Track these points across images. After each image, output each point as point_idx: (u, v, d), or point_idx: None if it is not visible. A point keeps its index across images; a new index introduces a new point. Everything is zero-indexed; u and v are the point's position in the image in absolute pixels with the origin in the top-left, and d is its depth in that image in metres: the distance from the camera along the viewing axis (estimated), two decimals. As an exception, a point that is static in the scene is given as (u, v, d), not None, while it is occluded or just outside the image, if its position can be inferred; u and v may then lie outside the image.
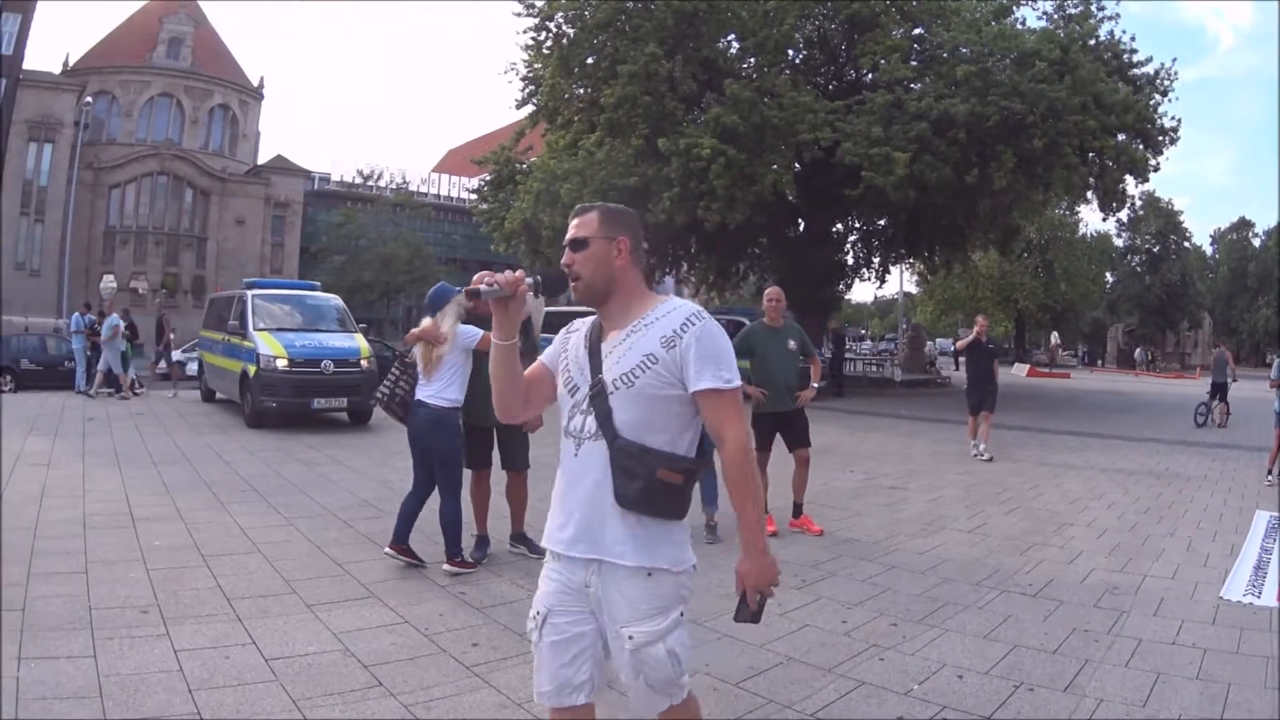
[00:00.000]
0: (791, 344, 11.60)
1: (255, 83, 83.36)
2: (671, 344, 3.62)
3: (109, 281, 54.72)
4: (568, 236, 3.86)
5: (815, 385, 11.95)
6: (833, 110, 32.76)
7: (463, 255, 76.82)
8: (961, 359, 22.41)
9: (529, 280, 3.75)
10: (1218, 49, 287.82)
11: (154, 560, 8.89)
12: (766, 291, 12.03)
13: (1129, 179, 35.98)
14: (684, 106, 34.06)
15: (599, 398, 3.67)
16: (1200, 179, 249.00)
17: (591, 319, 3.94)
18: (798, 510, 11.67)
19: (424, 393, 9.07)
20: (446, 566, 8.95)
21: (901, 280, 79.24)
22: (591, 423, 3.69)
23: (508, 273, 3.72)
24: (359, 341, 21.94)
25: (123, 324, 28.44)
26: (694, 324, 3.64)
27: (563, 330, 4.05)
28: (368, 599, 8.04)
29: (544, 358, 4.02)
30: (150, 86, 74.62)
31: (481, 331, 8.79)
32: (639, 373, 3.61)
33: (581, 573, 3.69)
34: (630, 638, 3.59)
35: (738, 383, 3.69)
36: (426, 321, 9.13)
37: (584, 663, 3.73)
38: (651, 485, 3.56)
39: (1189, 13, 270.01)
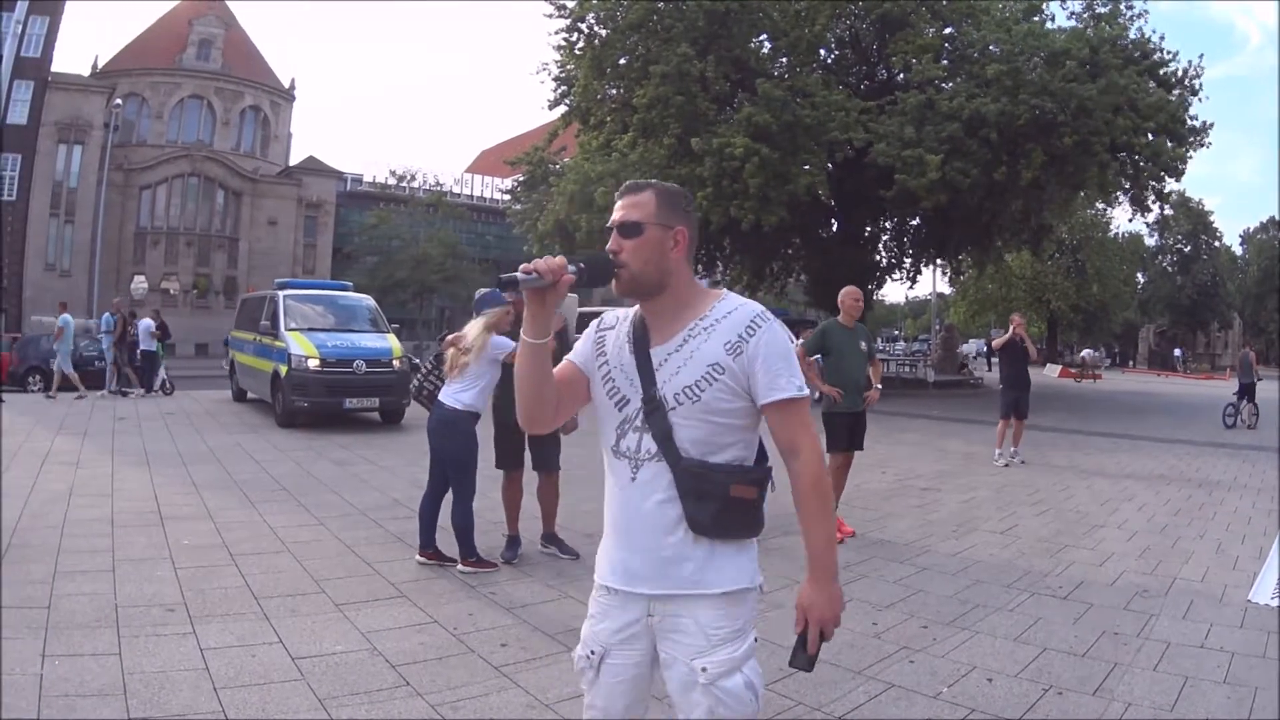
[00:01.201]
0: (863, 344, 11.62)
1: (286, 84, 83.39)
2: (738, 350, 3.15)
3: (140, 282, 55.18)
4: (616, 218, 3.30)
5: (878, 387, 11.92)
6: (865, 110, 32.89)
7: (496, 255, 76.38)
8: (995, 359, 22.11)
9: (572, 268, 3.16)
10: (1246, 47, 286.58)
11: (182, 559, 8.93)
12: (847, 290, 12.01)
13: (1162, 177, 35.88)
14: (716, 107, 34.31)
15: (657, 414, 3.19)
16: (1229, 178, 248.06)
17: (626, 312, 3.49)
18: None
19: (444, 393, 9.19)
20: (461, 567, 8.98)
21: (935, 281, 79.02)
22: (649, 442, 3.20)
23: (549, 258, 3.14)
24: (391, 341, 21.95)
25: (154, 324, 28.59)
26: (760, 326, 3.18)
27: (592, 325, 3.57)
28: (397, 599, 8.04)
29: (574, 356, 3.50)
30: (180, 88, 74.63)
31: (514, 344, 8.71)
32: (704, 385, 3.15)
33: (643, 604, 3.24)
34: (704, 670, 3.13)
35: (807, 391, 3.24)
36: (471, 325, 9.16)
37: (644, 701, 3.45)
38: (727, 506, 3.14)
39: (1217, 11, 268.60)
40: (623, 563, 3.27)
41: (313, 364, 20.05)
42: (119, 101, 62.88)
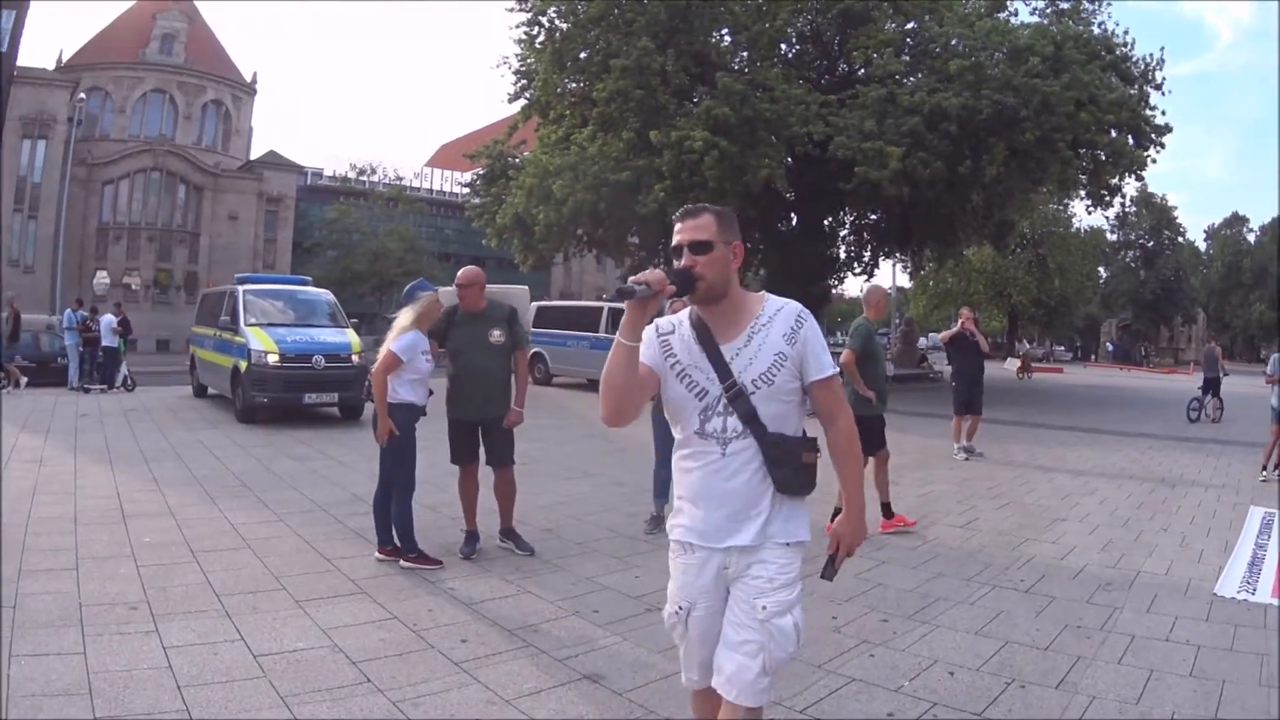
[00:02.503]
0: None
1: (248, 79, 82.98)
2: (793, 340, 3.89)
3: (102, 278, 54.79)
4: (686, 238, 3.91)
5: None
6: (825, 104, 32.89)
7: (455, 250, 76.43)
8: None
9: (671, 280, 3.79)
10: (1216, 44, 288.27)
11: (144, 557, 8.86)
12: (879, 288, 12.20)
13: (1122, 174, 36.06)
14: (676, 101, 34.26)
15: (739, 399, 3.85)
16: (1196, 175, 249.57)
17: (679, 317, 4.11)
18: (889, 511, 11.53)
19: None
20: (402, 563, 8.93)
21: (894, 274, 79.22)
22: (735, 422, 3.87)
23: (654, 272, 3.77)
24: (350, 336, 21.82)
25: (116, 319, 28.51)
26: (805, 320, 3.95)
27: (649, 333, 4.05)
28: (356, 595, 8.00)
29: (643, 358, 3.96)
30: (143, 83, 74.08)
31: (398, 350, 8.95)
32: (776, 371, 3.85)
33: (721, 558, 3.92)
34: (764, 608, 3.80)
35: (835, 369, 4.03)
36: (401, 314, 9.18)
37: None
38: (799, 469, 3.87)
39: (1187, 7, 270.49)
40: (713, 523, 3.91)
41: (272, 359, 19.89)
42: (83, 96, 62.57)
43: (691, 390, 3.91)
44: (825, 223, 43.02)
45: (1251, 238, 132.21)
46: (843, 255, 46.67)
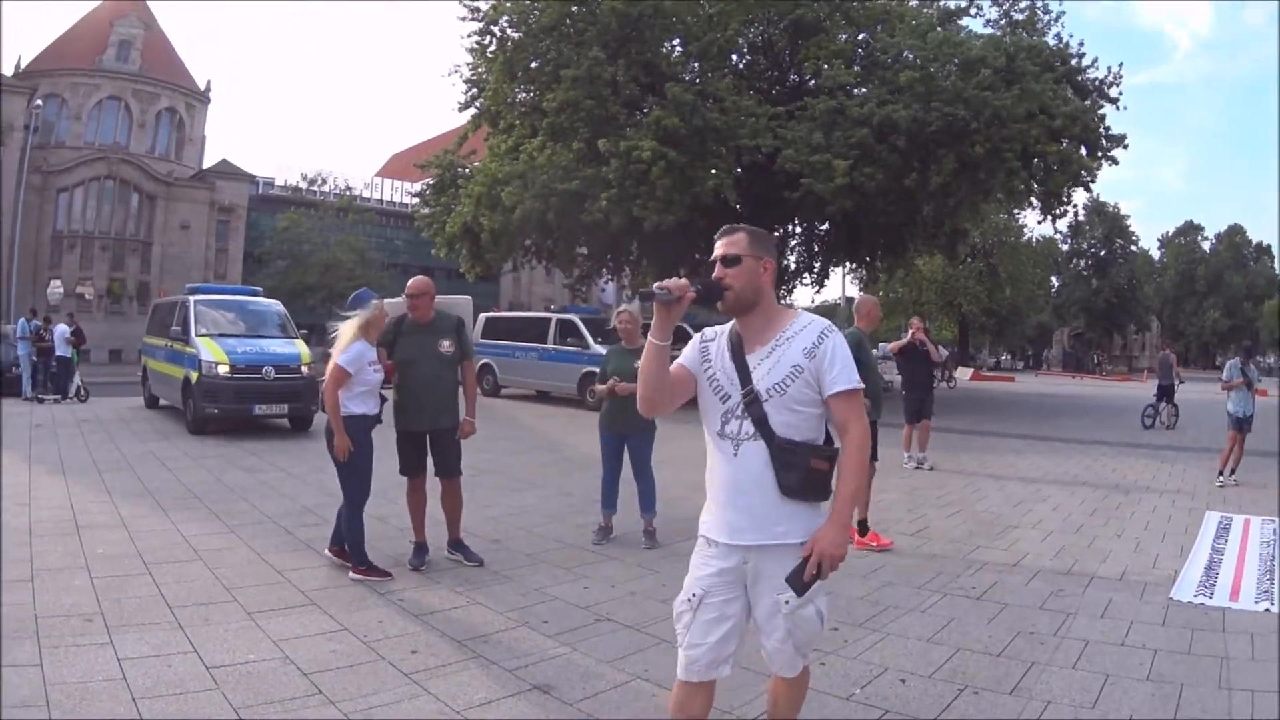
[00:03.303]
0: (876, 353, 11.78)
1: (202, 86, 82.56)
2: (812, 355, 4.17)
3: (56, 287, 54.43)
4: (719, 252, 4.30)
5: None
6: (774, 116, 32.90)
7: (405, 260, 75.64)
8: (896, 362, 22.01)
9: (693, 289, 4.12)
10: (1175, 55, 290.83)
11: (98, 568, 8.88)
12: (870, 299, 12.45)
13: (1072, 185, 36.33)
14: (626, 111, 34.16)
15: (754, 405, 4.18)
16: (1150, 183, 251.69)
17: (723, 328, 4.47)
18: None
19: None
20: (352, 575, 8.90)
21: (844, 284, 79.41)
22: (749, 426, 4.19)
23: (677, 279, 4.12)
24: (300, 347, 21.83)
25: (69, 329, 28.40)
26: (828, 336, 4.22)
27: (695, 339, 4.51)
28: (307, 606, 7.99)
29: (684, 360, 4.45)
30: (99, 89, 73.40)
31: (371, 355, 9.07)
32: (789, 383, 4.15)
33: (739, 556, 4.21)
34: (786, 602, 4.14)
35: (862, 385, 4.26)
36: (345, 325, 9.12)
37: (732, 638, 4.26)
38: (808, 474, 4.12)
39: (1146, 18, 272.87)
40: (727, 521, 4.24)
41: (223, 370, 19.98)
42: (39, 102, 62.15)
43: (717, 394, 4.29)
44: (774, 233, 42.67)
45: (1206, 246, 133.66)
46: (793, 265, 46.55)
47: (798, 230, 45.08)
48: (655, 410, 4.42)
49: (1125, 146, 35.44)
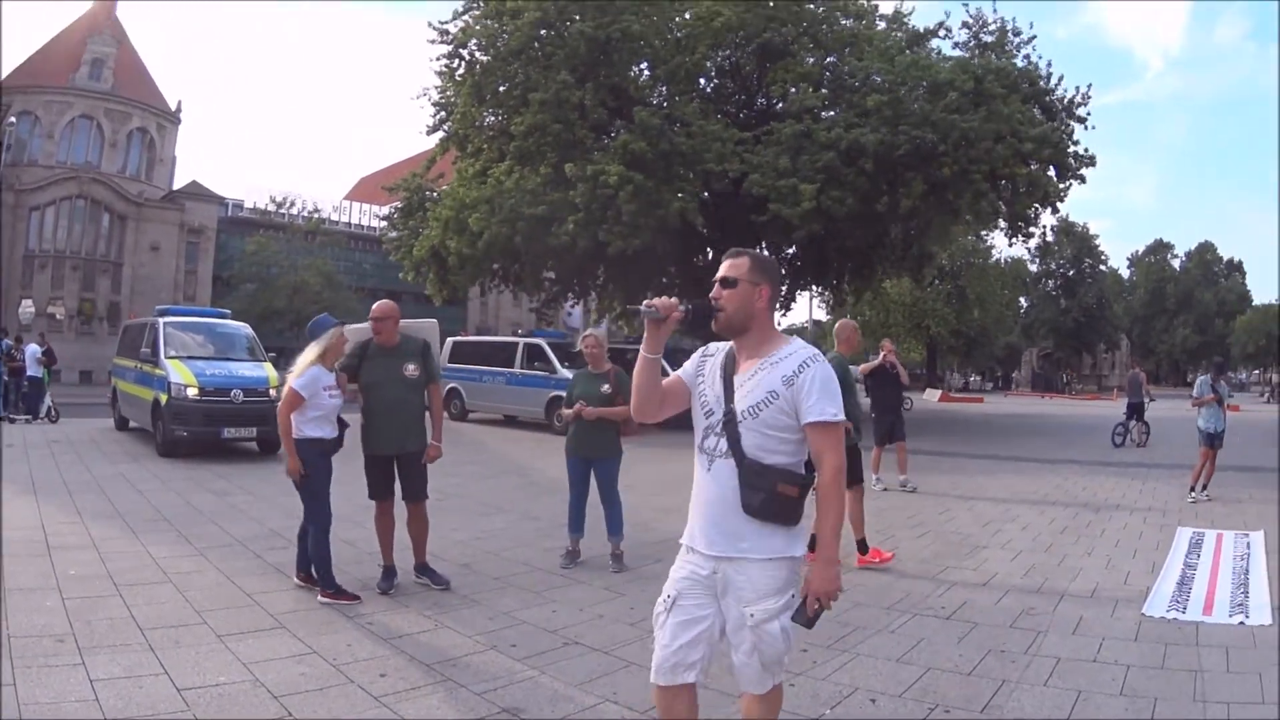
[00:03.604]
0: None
1: (173, 106, 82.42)
2: (790, 383, 4.27)
3: (27, 306, 54.22)
4: (721, 274, 4.48)
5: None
6: (741, 140, 32.93)
7: (373, 284, 75.35)
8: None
9: (682, 308, 4.37)
10: (1146, 74, 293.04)
11: (69, 589, 8.86)
12: (850, 324, 12.51)
13: (1039, 207, 36.84)
14: (593, 135, 34.24)
15: (730, 424, 4.33)
16: (1120, 202, 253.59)
17: (724, 345, 4.63)
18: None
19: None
20: (320, 598, 8.91)
21: (810, 308, 79.37)
22: (723, 444, 4.35)
23: (666, 298, 4.42)
24: (268, 370, 21.77)
25: (41, 349, 28.32)
26: (810, 366, 4.31)
27: (698, 352, 4.71)
28: (276, 629, 7.96)
29: (681, 372, 4.66)
30: (72, 108, 73.09)
31: (327, 380, 9.18)
32: (763, 407, 4.28)
33: (711, 563, 4.35)
34: (752, 615, 4.22)
35: (842, 418, 4.37)
36: (305, 351, 9.27)
37: (700, 643, 4.37)
38: (771, 497, 4.22)
39: (1116, 37, 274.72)
40: (702, 531, 4.40)
41: (191, 392, 19.77)
42: (12, 120, 62.13)
43: (703, 409, 4.49)
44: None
45: (1176, 263, 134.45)
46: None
47: (764, 253, 45.02)
48: (645, 417, 4.68)
49: (1093, 165, 35.77)
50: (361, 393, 9.52)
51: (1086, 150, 36.00)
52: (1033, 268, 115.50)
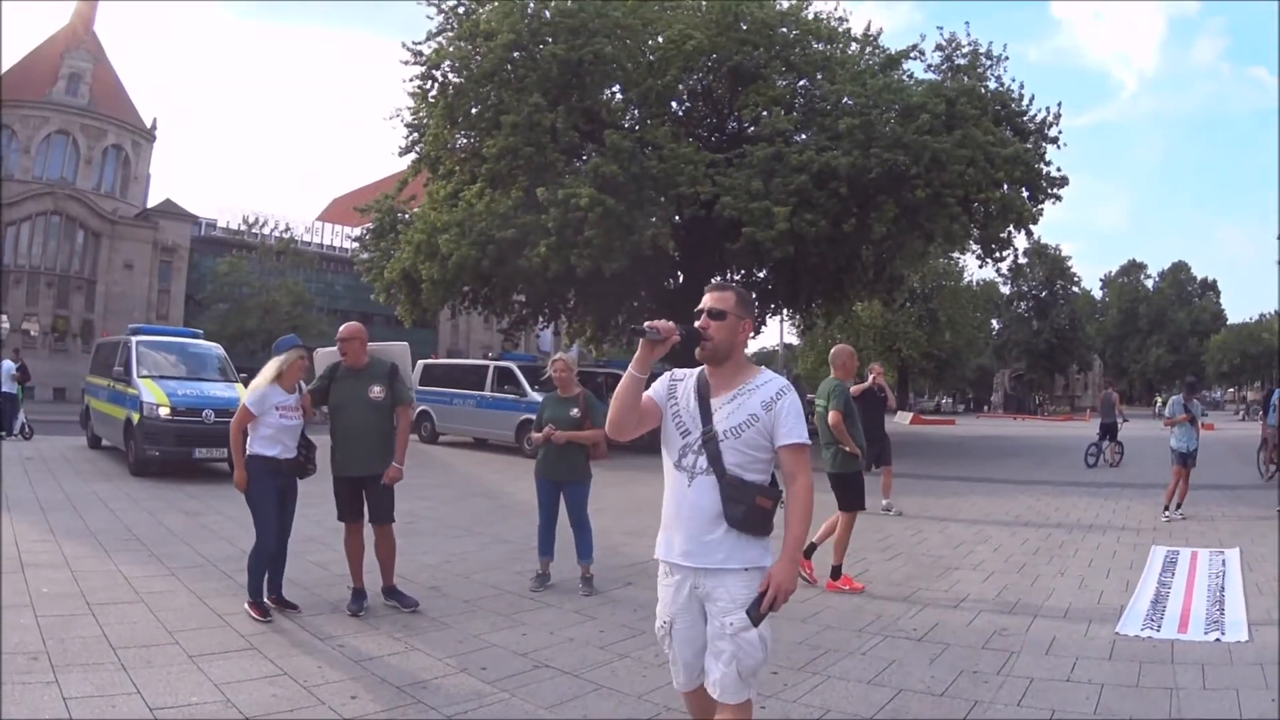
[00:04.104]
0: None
1: (148, 124, 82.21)
2: (769, 408, 4.69)
3: (2, 322, 53.89)
4: (709, 305, 4.88)
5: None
6: (713, 164, 32.90)
7: (345, 306, 75.36)
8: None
9: (679, 333, 4.73)
10: (1121, 94, 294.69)
11: (43, 607, 8.86)
12: (846, 350, 12.67)
13: (1012, 229, 36.86)
14: (565, 158, 34.28)
15: (710, 443, 4.67)
16: (1093, 223, 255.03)
17: (692, 372, 4.98)
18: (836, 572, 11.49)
19: None
20: (245, 606, 9.04)
21: (781, 331, 79.43)
22: (703, 461, 4.68)
23: (665, 322, 4.72)
24: (239, 391, 21.24)
25: (15, 365, 28.20)
26: (785, 394, 4.74)
27: (665, 376, 5.04)
28: (247, 650, 7.94)
29: (652, 393, 4.96)
30: (49, 123, 72.72)
31: (282, 399, 9.28)
32: (745, 428, 4.66)
33: (691, 577, 4.70)
34: (730, 624, 4.56)
35: (808, 440, 4.80)
36: (265, 367, 9.48)
37: (703, 653, 4.74)
38: (751, 509, 4.60)
39: (1091, 59, 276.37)
40: (678, 544, 4.73)
41: (163, 412, 19.90)
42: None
43: (679, 429, 4.80)
44: (712, 281, 42.31)
45: (1149, 284, 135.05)
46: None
47: (736, 278, 44.96)
48: (621, 433, 4.94)
49: (1065, 184, 35.97)
50: (329, 415, 9.59)
51: (1059, 170, 36.17)
52: (1005, 290, 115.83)
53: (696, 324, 4.87)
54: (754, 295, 45.44)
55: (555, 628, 9.07)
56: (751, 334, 5.39)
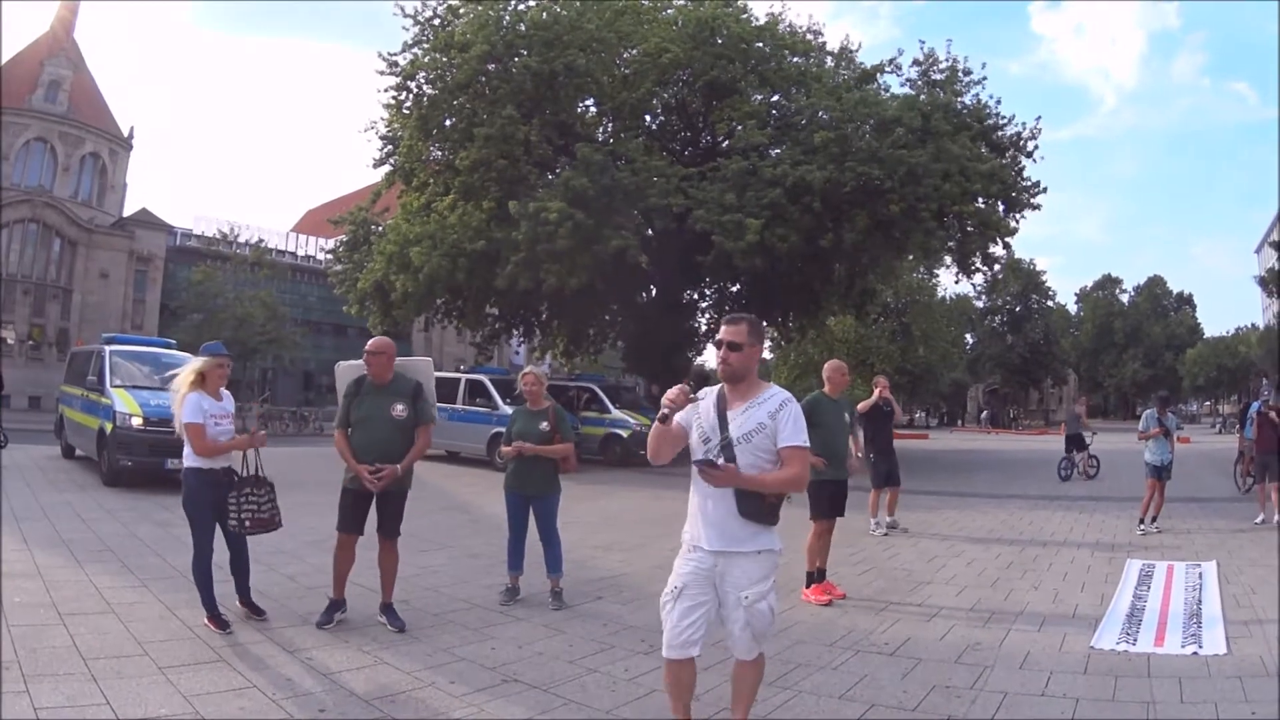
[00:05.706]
0: (846, 416, 12.10)
1: (126, 132, 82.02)
2: (774, 417, 5.68)
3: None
4: (727, 338, 5.84)
5: (858, 456, 13.07)
6: (686, 177, 32.92)
7: (318, 317, 76.55)
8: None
9: (691, 393, 5.76)
10: (1100, 109, 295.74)
11: (14, 616, 8.84)
12: (835, 365, 12.51)
13: (989, 244, 36.77)
14: (538, 171, 34.32)
15: (728, 448, 5.64)
16: (1070, 237, 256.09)
17: (711, 390, 5.95)
18: (821, 575, 11.58)
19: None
20: (204, 622, 8.99)
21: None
22: (722, 462, 5.59)
23: (680, 393, 5.69)
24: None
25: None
26: (788, 405, 5.74)
27: (689, 405, 5.85)
28: (217, 663, 7.90)
29: (679, 419, 5.84)
30: (28, 130, 72.36)
31: (190, 419, 9.16)
32: (755, 434, 5.66)
33: (711, 559, 5.65)
34: (746, 597, 5.57)
35: (807, 443, 5.75)
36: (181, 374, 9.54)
37: (701, 624, 5.64)
38: (762, 502, 5.61)
39: (1071, 74, 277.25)
40: (703, 532, 5.70)
41: (136, 422, 19.78)
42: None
43: (701, 436, 5.77)
44: (685, 295, 43.08)
45: (1125, 298, 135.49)
46: (704, 328, 46.20)
47: (709, 292, 44.97)
48: (660, 460, 5.97)
49: (1043, 190, 35.97)
50: (351, 427, 9.50)
51: (1038, 183, 36.19)
52: (979, 304, 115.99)
53: (719, 354, 5.88)
54: (726, 306, 45.63)
55: (524, 641, 9.05)
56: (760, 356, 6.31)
